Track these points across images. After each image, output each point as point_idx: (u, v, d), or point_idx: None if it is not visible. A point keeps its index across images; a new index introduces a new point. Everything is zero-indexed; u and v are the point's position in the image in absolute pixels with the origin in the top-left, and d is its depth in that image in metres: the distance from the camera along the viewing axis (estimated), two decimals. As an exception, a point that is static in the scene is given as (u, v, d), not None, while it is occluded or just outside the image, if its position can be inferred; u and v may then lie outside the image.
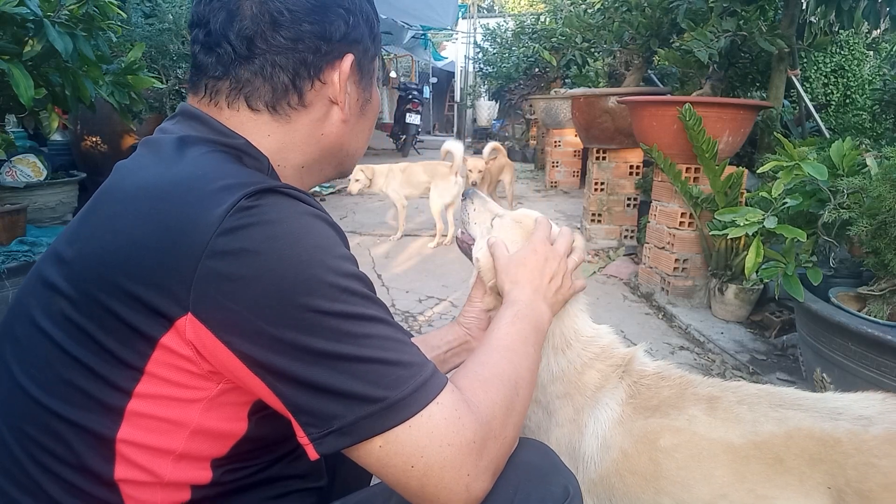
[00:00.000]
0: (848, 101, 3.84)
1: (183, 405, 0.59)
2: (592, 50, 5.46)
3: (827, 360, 1.69)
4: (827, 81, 3.85)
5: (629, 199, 3.99)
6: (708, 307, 2.83)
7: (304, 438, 0.56)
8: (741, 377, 2.21)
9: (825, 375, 1.71)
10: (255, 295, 0.54)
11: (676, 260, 2.88)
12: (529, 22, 8.44)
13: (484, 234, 1.05)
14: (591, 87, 4.54)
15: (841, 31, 3.64)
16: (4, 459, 0.61)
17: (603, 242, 4.01)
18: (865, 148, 1.94)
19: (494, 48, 9.57)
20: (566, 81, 6.47)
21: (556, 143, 6.09)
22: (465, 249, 1.12)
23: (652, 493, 0.89)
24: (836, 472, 0.79)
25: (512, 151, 9.21)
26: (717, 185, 2.60)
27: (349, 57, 0.71)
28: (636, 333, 2.62)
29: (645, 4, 3.65)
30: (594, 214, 4.01)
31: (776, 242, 2.06)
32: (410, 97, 9.55)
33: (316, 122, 0.72)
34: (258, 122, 0.69)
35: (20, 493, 0.60)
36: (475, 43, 10.83)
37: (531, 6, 12.00)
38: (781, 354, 2.38)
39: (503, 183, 4.69)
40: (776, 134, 2.40)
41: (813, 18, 3.34)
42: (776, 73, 3.02)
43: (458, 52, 13.06)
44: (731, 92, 3.50)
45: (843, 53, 3.84)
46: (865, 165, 1.81)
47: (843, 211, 1.74)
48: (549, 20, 7.59)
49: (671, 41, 3.56)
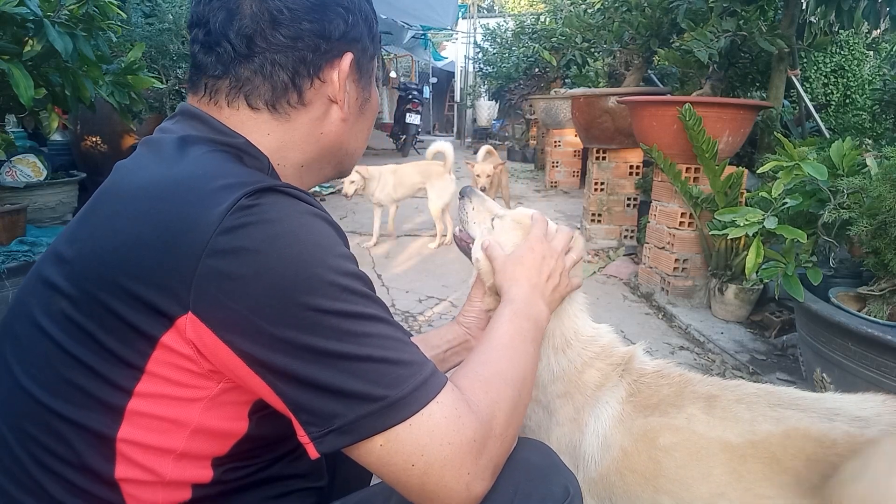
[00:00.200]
0: (848, 101, 3.83)
1: (183, 404, 0.59)
2: (592, 50, 5.45)
3: (827, 360, 1.69)
4: (827, 81, 3.85)
5: (629, 199, 3.99)
6: (708, 307, 2.83)
7: (304, 437, 0.57)
8: (741, 377, 2.21)
9: (825, 375, 1.71)
10: (255, 294, 0.54)
11: (676, 260, 2.88)
12: (529, 22, 8.44)
13: (484, 233, 1.05)
14: (591, 87, 4.54)
15: (841, 31, 3.64)
16: (5, 459, 0.61)
17: (603, 242, 4.01)
18: (866, 148, 1.94)
19: (494, 48, 9.56)
20: (566, 81, 6.47)
21: (556, 143, 6.09)
22: (464, 248, 1.12)
23: (651, 491, 0.89)
24: (832, 473, 0.78)
25: (512, 151, 9.22)
26: (717, 185, 2.60)
27: (348, 55, 0.71)
28: (636, 333, 2.62)
29: (645, 4, 3.65)
30: (594, 214, 4.01)
31: (776, 242, 2.06)
32: (410, 97, 9.54)
33: (315, 120, 0.72)
34: (258, 120, 0.69)
35: (21, 492, 0.60)
36: (475, 43, 10.83)
37: (531, 6, 12.00)
38: (781, 354, 2.38)
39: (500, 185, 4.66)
40: (776, 134, 2.40)
41: (813, 18, 3.34)
42: (776, 73, 3.02)
43: (458, 52, 13.05)
44: (731, 92, 3.49)
45: (843, 53, 3.84)
46: (865, 165, 1.81)
47: (843, 211, 1.74)
48: (549, 20, 7.58)
49: (671, 41, 3.55)
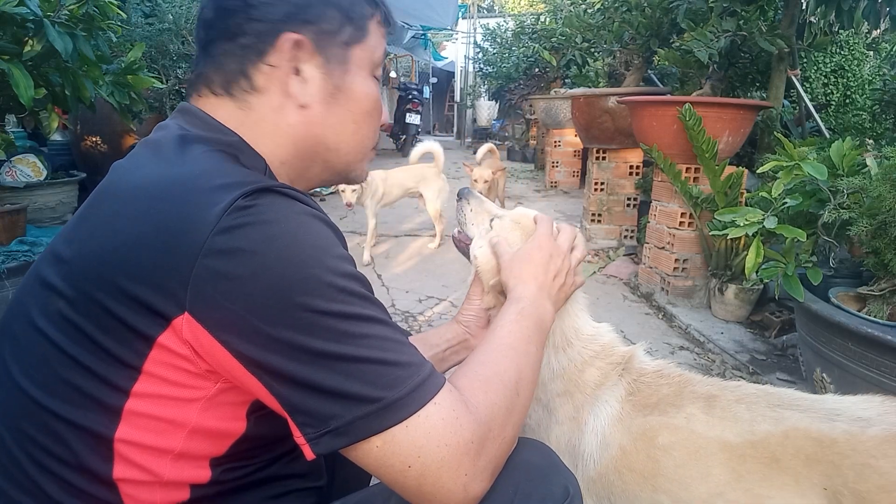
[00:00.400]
0: (848, 101, 3.83)
1: (181, 404, 0.59)
2: (592, 50, 5.45)
3: (827, 360, 1.69)
4: (827, 81, 3.85)
5: (629, 199, 3.99)
6: (708, 307, 2.83)
7: (300, 438, 0.56)
8: (741, 377, 2.21)
9: (825, 375, 1.71)
10: (251, 294, 0.54)
11: (676, 260, 2.87)
12: (529, 22, 8.43)
13: (483, 234, 1.05)
14: (591, 87, 4.53)
15: (841, 31, 3.63)
16: (3, 459, 0.61)
17: (603, 242, 4.01)
18: (866, 148, 1.94)
19: (494, 48, 9.56)
20: (566, 81, 6.46)
21: (556, 143, 6.09)
22: (462, 249, 1.12)
23: (650, 490, 0.89)
24: (832, 472, 0.78)
25: (512, 151, 9.22)
26: (717, 185, 2.60)
27: (289, 37, 0.68)
28: (636, 333, 2.62)
29: (645, 4, 3.65)
30: (594, 214, 4.01)
31: (776, 242, 2.06)
32: (410, 97, 9.54)
33: (277, 109, 0.70)
34: (225, 108, 0.70)
35: (19, 492, 0.60)
36: (475, 43, 10.82)
37: (531, 6, 11.99)
38: (781, 354, 2.38)
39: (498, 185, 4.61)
40: (776, 134, 2.40)
41: (813, 18, 3.34)
42: (776, 73, 3.02)
43: (458, 52, 13.04)
44: (731, 92, 3.49)
45: (843, 53, 3.84)
46: (865, 165, 1.81)
47: (843, 211, 1.74)
48: (549, 20, 7.57)
49: (671, 41, 3.55)
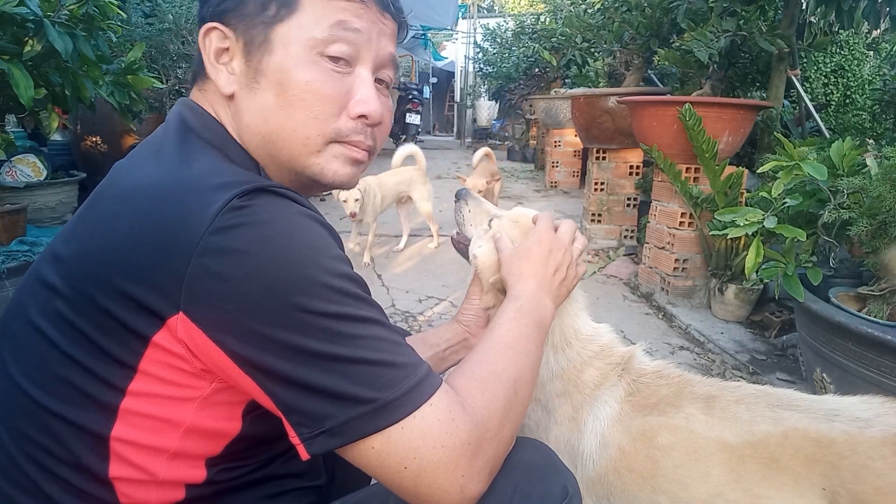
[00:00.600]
0: (848, 101, 3.83)
1: (176, 404, 0.59)
2: (592, 50, 5.44)
3: (827, 360, 1.68)
4: (827, 81, 3.85)
5: (629, 199, 3.99)
6: (708, 307, 2.83)
7: (295, 438, 0.56)
8: (741, 377, 2.21)
9: (825, 375, 1.71)
10: (246, 294, 0.54)
11: (676, 260, 2.87)
12: (529, 22, 8.43)
13: (481, 234, 1.04)
14: (591, 87, 4.53)
15: (841, 31, 3.63)
16: (1, 458, 0.62)
17: (603, 242, 4.01)
18: (867, 148, 1.94)
19: (494, 48, 9.56)
20: (566, 81, 6.46)
21: (556, 143, 6.09)
22: (461, 249, 1.12)
23: (649, 491, 0.89)
24: (830, 473, 0.78)
25: (512, 151, 9.22)
26: (717, 185, 2.60)
27: (208, 27, 0.68)
28: (636, 333, 2.62)
29: (645, 4, 3.65)
30: (594, 214, 4.01)
31: (776, 242, 2.06)
32: (410, 97, 9.55)
33: (223, 103, 0.71)
34: (206, 102, 0.72)
35: (17, 491, 0.60)
36: (475, 43, 10.82)
37: (531, 6, 11.99)
38: (781, 354, 2.38)
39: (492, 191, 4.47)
40: (776, 134, 2.40)
41: (813, 18, 3.34)
42: (776, 73, 3.02)
43: (458, 52, 13.04)
44: (731, 92, 3.49)
45: (843, 53, 3.83)
46: (865, 165, 1.81)
47: (843, 211, 1.74)
48: (549, 20, 7.57)
49: (671, 41, 3.55)
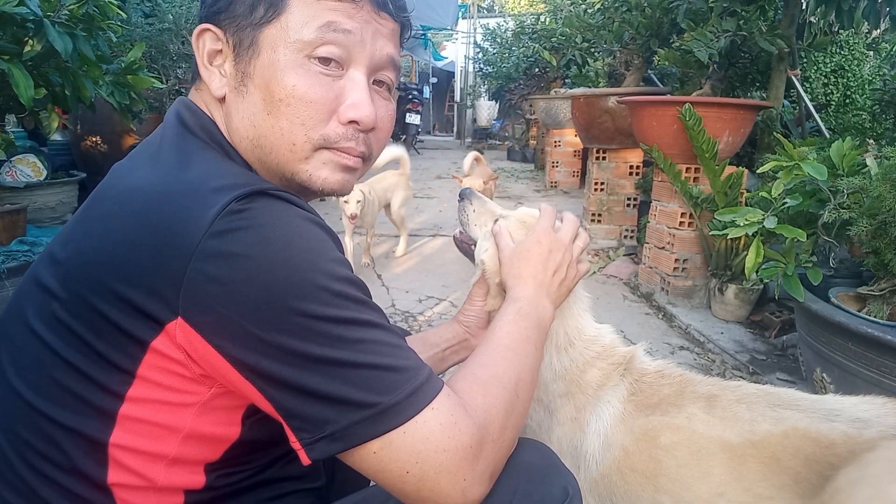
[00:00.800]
0: (848, 101, 3.83)
1: (175, 409, 0.59)
2: (592, 50, 5.45)
3: (827, 360, 1.68)
4: (827, 81, 3.85)
5: (629, 199, 3.99)
6: (708, 307, 2.83)
7: (296, 443, 0.56)
8: (741, 377, 2.21)
9: (825, 375, 1.71)
10: (246, 299, 0.53)
11: (676, 260, 2.87)
12: (529, 22, 8.43)
13: (488, 235, 1.04)
14: (591, 87, 4.53)
15: (841, 31, 3.63)
16: None
17: (603, 242, 4.01)
18: (867, 148, 1.94)
19: (494, 48, 9.57)
20: (566, 81, 6.46)
21: (556, 143, 6.09)
22: (465, 250, 1.11)
23: (651, 490, 0.89)
24: (830, 473, 0.78)
25: (512, 151, 9.23)
26: (717, 185, 2.60)
27: (201, 28, 0.67)
28: (636, 333, 2.62)
29: (645, 4, 3.65)
30: (594, 214, 4.01)
31: (776, 242, 2.05)
32: (410, 97, 9.55)
33: (216, 105, 0.70)
34: (202, 101, 0.71)
35: (14, 496, 0.60)
36: (475, 43, 10.83)
37: (531, 6, 11.99)
38: (781, 354, 2.38)
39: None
40: (776, 134, 2.40)
41: (813, 18, 3.34)
42: (776, 73, 3.02)
43: (458, 52, 13.04)
44: (731, 92, 3.49)
45: (843, 53, 3.83)
46: (865, 165, 1.81)
47: (843, 211, 1.74)
48: (549, 20, 7.57)
49: (671, 41, 3.55)
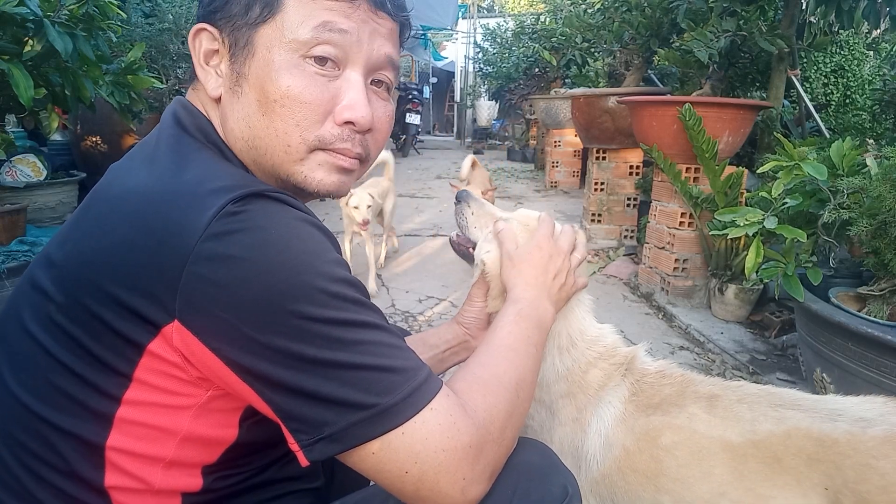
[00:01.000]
0: (848, 101, 3.83)
1: (172, 412, 0.59)
2: (592, 50, 5.45)
3: (827, 360, 1.68)
4: (827, 81, 3.85)
5: (629, 199, 3.99)
6: (708, 307, 2.83)
7: (294, 445, 0.56)
8: (741, 377, 2.21)
9: (825, 375, 1.71)
10: (242, 301, 0.53)
11: (676, 260, 2.87)
12: (529, 22, 8.43)
13: (489, 237, 1.03)
14: (591, 87, 4.53)
15: (841, 31, 3.63)
16: None
17: (603, 242, 4.01)
18: (867, 148, 1.94)
19: (494, 48, 9.57)
20: (566, 81, 6.46)
21: (556, 143, 6.09)
22: (462, 252, 1.11)
23: (653, 490, 0.89)
24: (833, 472, 0.78)
25: (512, 151, 9.24)
26: (717, 185, 2.60)
27: (198, 28, 0.67)
28: (636, 333, 2.62)
29: (645, 4, 3.65)
30: (594, 214, 4.01)
31: (776, 242, 2.05)
32: (410, 97, 9.53)
33: (212, 106, 0.70)
34: (199, 101, 0.70)
35: (11, 499, 0.60)
36: (475, 43, 10.83)
37: (531, 6, 12.00)
38: (781, 354, 2.38)
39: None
40: (776, 134, 2.40)
41: (813, 18, 3.34)
42: (776, 73, 3.02)
43: (458, 52, 13.05)
44: (731, 92, 3.49)
45: (843, 53, 3.83)
46: (865, 165, 1.81)
47: (843, 211, 1.74)
48: (549, 20, 7.57)
49: (671, 41, 3.55)
